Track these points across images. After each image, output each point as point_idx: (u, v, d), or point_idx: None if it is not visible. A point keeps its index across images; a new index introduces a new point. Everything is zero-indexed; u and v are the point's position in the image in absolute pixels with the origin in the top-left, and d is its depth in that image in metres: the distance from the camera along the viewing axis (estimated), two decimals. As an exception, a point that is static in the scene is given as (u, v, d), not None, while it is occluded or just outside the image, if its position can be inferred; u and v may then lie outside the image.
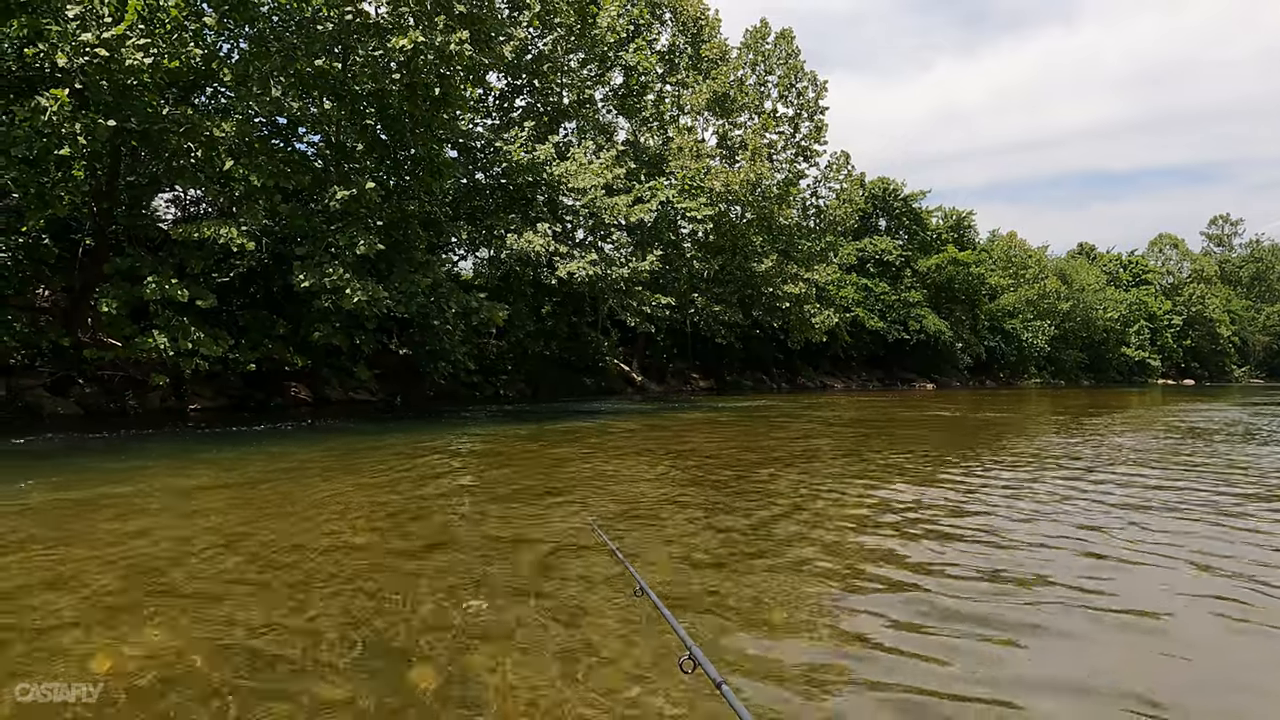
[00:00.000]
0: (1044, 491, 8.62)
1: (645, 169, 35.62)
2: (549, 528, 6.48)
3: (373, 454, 11.58)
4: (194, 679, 3.55)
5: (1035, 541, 6.23)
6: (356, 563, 5.40)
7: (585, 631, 4.12)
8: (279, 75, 17.71)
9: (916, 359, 54.33)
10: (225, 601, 4.54)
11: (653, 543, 6.10)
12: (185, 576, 5.05)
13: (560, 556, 5.62)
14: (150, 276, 15.70)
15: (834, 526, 6.81)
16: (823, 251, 43.29)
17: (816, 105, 42.31)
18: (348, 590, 4.78)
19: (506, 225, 26.19)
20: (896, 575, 5.28)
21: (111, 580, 4.95)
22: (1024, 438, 15.53)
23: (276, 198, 17.42)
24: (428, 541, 6.05)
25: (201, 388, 20.20)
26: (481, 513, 7.20)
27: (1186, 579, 5.24)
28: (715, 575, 5.20)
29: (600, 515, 7.05)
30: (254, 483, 8.72)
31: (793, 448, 13.42)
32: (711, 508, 7.56)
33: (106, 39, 13.82)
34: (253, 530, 6.34)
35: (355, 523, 6.68)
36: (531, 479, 9.28)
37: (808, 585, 5.05)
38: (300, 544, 5.90)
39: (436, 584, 4.94)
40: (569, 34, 30.23)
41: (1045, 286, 64.13)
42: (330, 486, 8.54)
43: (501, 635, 4.04)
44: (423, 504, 7.61)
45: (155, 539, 6.06)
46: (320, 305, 17.84)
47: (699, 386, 41.35)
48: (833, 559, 5.69)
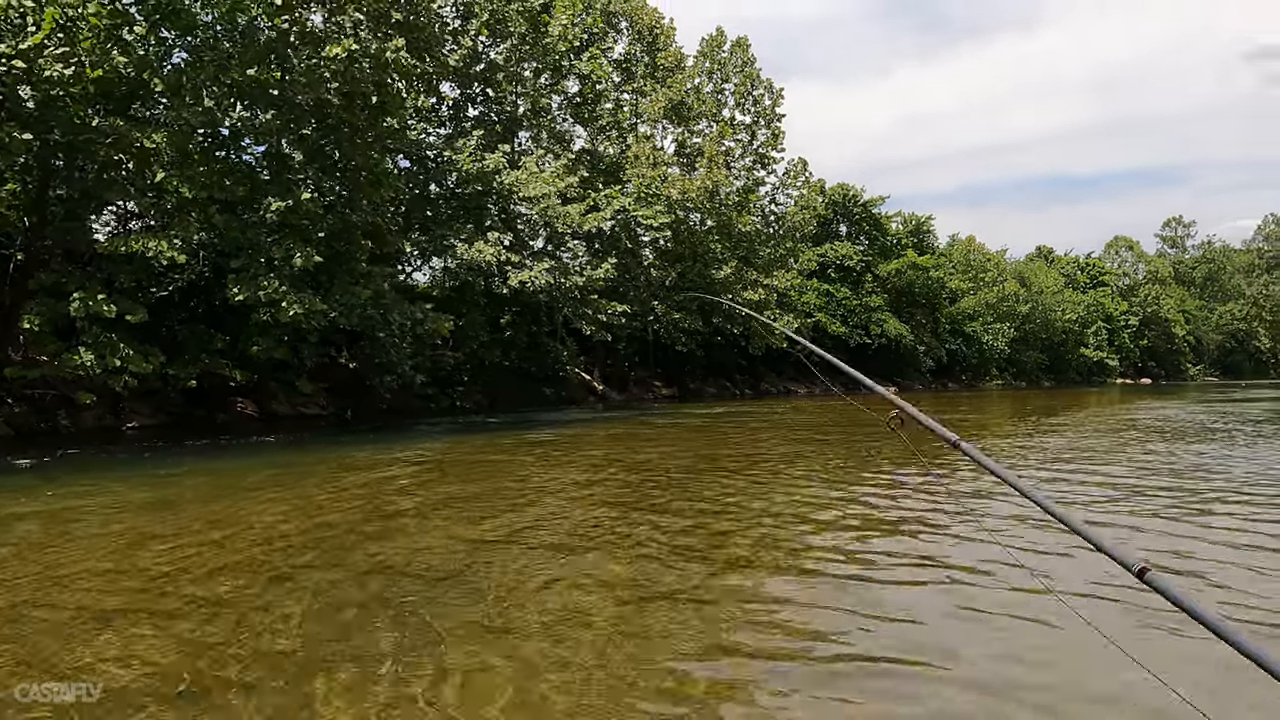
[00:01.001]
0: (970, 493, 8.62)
1: (602, 177, 35.53)
2: (417, 557, 6.27)
3: (287, 471, 11.32)
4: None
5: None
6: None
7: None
8: (213, 85, 17.35)
9: (879, 363, 54.70)
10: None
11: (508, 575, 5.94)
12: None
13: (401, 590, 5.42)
14: (76, 292, 15.26)
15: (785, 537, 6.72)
16: (782, 258, 43.44)
17: (773, 113, 42.57)
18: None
19: (458, 235, 25.96)
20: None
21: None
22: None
23: (211, 209, 17.05)
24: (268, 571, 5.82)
25: (140, 405, 19.70)
26: (361, 535, 6.98)
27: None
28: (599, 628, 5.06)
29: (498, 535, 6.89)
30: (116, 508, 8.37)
31: (742, 456, 13.35)
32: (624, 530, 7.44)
33: (23, 49, 13.44)
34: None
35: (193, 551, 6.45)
36: (414, 503, 9.08)
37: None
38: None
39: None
40: (521, 42, 30.10)
41: (1005, 289, 65.03)
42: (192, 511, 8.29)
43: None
44: (304, 527, 7.39)
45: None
46: (259, 319, 17.48)
47: (661, 395, 41.25)
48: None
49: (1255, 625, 4.34)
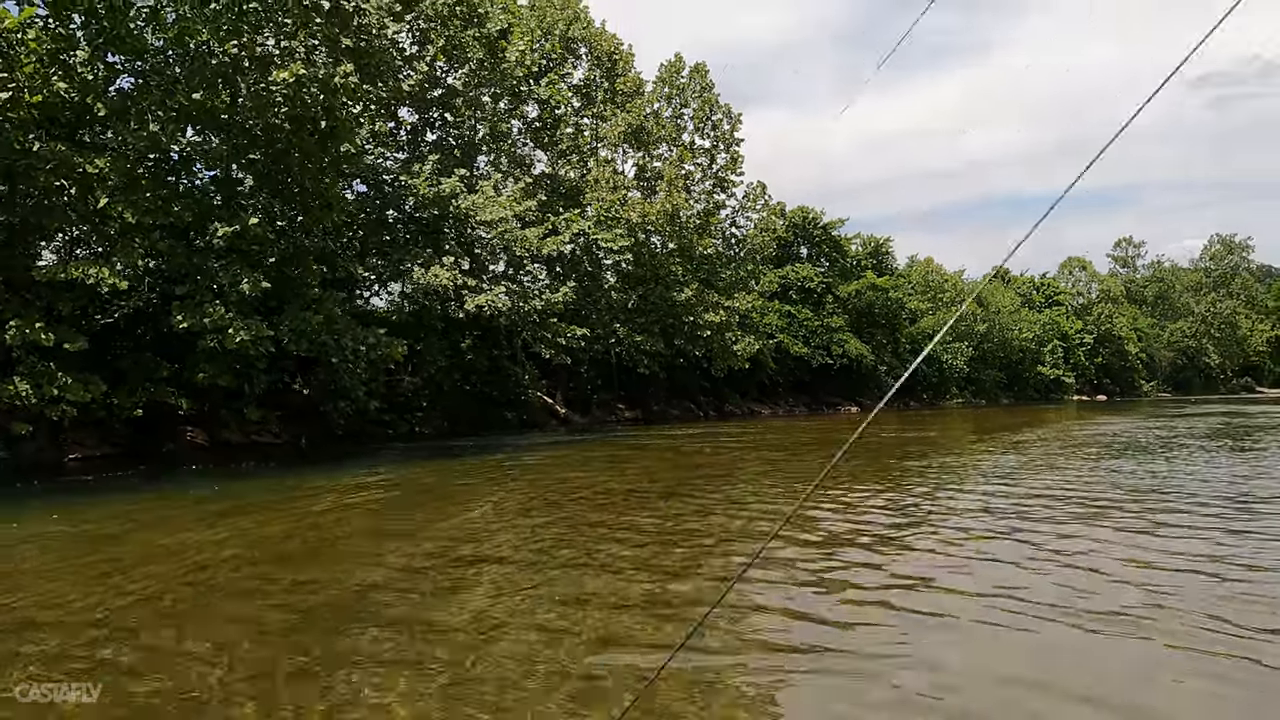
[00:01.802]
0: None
1: (562, 201, 35.64)
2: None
3: (229, 501, 11.10)
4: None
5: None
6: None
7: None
8: (158, 109, 17.13)
9: (841, 383, 55.20)
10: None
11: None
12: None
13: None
14: (13, 320, 14.88)
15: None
16: (744, 279, 43.81)
17: (732, 137, 43.11)
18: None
19: (416, 260, 25.81)
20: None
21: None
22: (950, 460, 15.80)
23: (155, 235, 16.77)
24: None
25: (83, 435, 19.18)
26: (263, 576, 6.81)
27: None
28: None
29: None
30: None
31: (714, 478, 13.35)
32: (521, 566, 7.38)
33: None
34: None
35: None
36: (355, 534, 8.94)
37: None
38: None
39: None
40: (479, 68, 30.20)
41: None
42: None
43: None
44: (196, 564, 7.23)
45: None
46: (206, 345, 17.17)
47: (625, 417, 41.16)
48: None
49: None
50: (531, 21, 36.06)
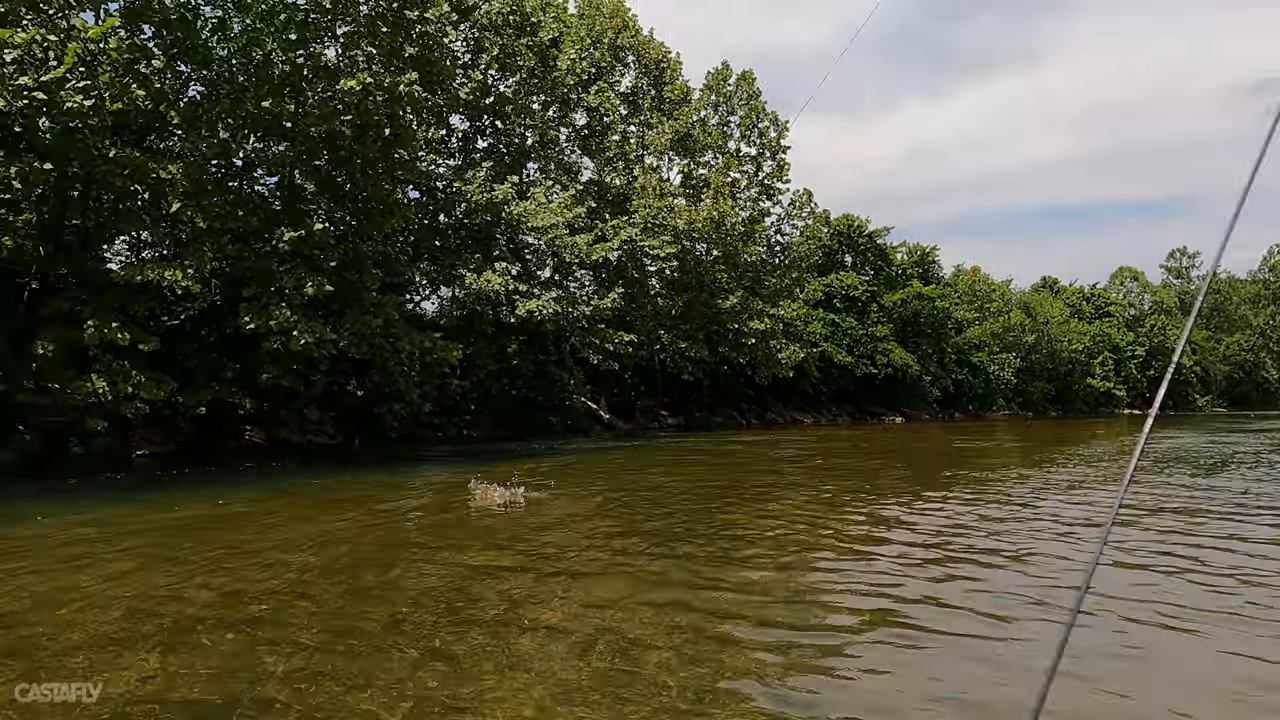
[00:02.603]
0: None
1: (609, 208, 35.85)
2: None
3: (300, 500, 11.34)
4: None
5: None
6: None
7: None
8: (228, 117, 17.65)
9: (885, 393, 54.58)
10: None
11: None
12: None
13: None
14: (91, 320, 15.41)
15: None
16: (788, 287, 43.60)
17: (778, 144, 42.96)
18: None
19: (467, 265, 26.15)
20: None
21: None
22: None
23: (224, 239, 17.26)
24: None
25: (151, 432, 19.76)
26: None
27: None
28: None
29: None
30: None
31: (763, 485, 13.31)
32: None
33: (45, 81, 13.72)
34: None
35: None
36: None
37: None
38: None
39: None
40: (530, 76, 30.55)
41: (1010, 320, 64.99)
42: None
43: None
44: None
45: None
46: (269, 347, 17.60)
47: (667, 424, 41.19)
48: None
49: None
50: (581, 30, 36.38)
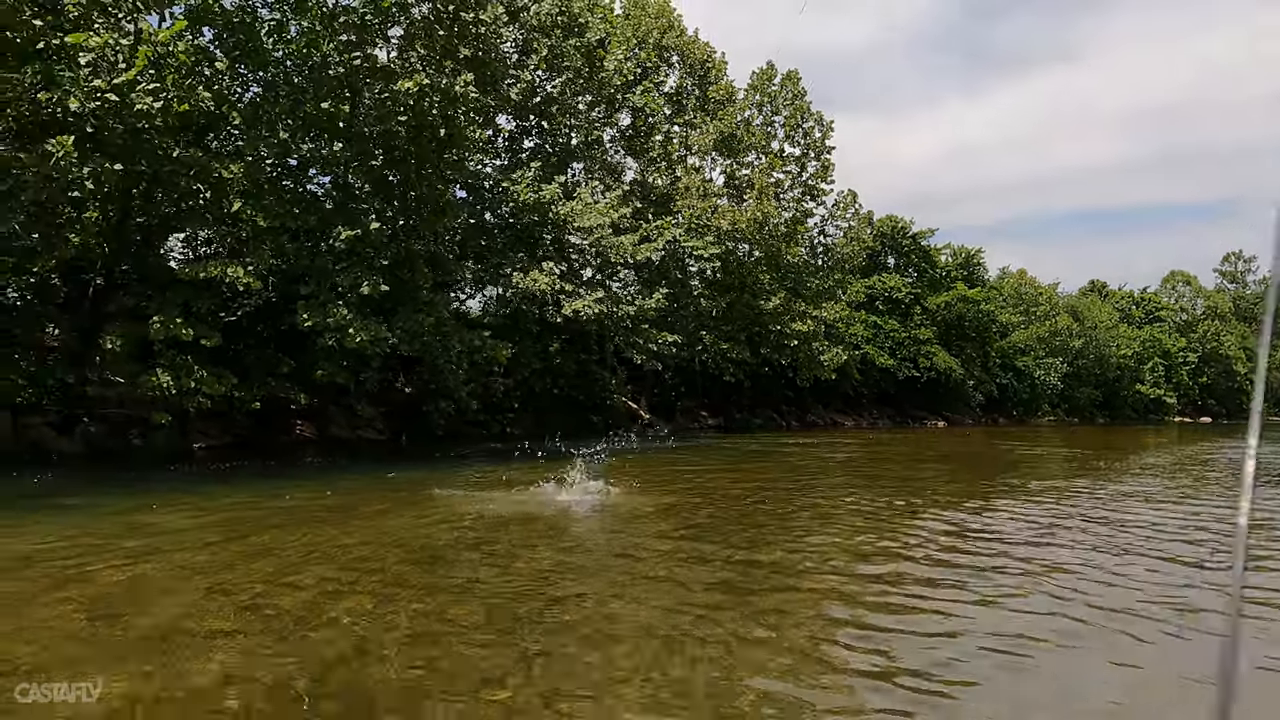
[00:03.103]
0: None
1: (652, 208, 35.87)
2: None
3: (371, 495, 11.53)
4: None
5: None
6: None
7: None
8: (288, 118, 18.01)
9: (927, 396, 53.92)
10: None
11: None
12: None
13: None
14: (156, 316, 15.84)
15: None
16: (831, 289, 43.27)
17: (823, 145, 42.64)
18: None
19: (513, 264, 26.35)
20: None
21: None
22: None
23: (283, 238, 17.63)
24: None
25: (208, 426, 20.25)
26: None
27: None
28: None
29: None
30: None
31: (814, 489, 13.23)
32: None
33: (117, 84, 14.12)
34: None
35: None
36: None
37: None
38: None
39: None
40: (577, 76, 30.67)
41: (1057, 324, 63.76)
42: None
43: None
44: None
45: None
46: (324, 344, 17.91)
47: (707, 424, 41.14)
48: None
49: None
50: (627, 30, 36.44)
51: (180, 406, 16.81)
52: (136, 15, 16.56)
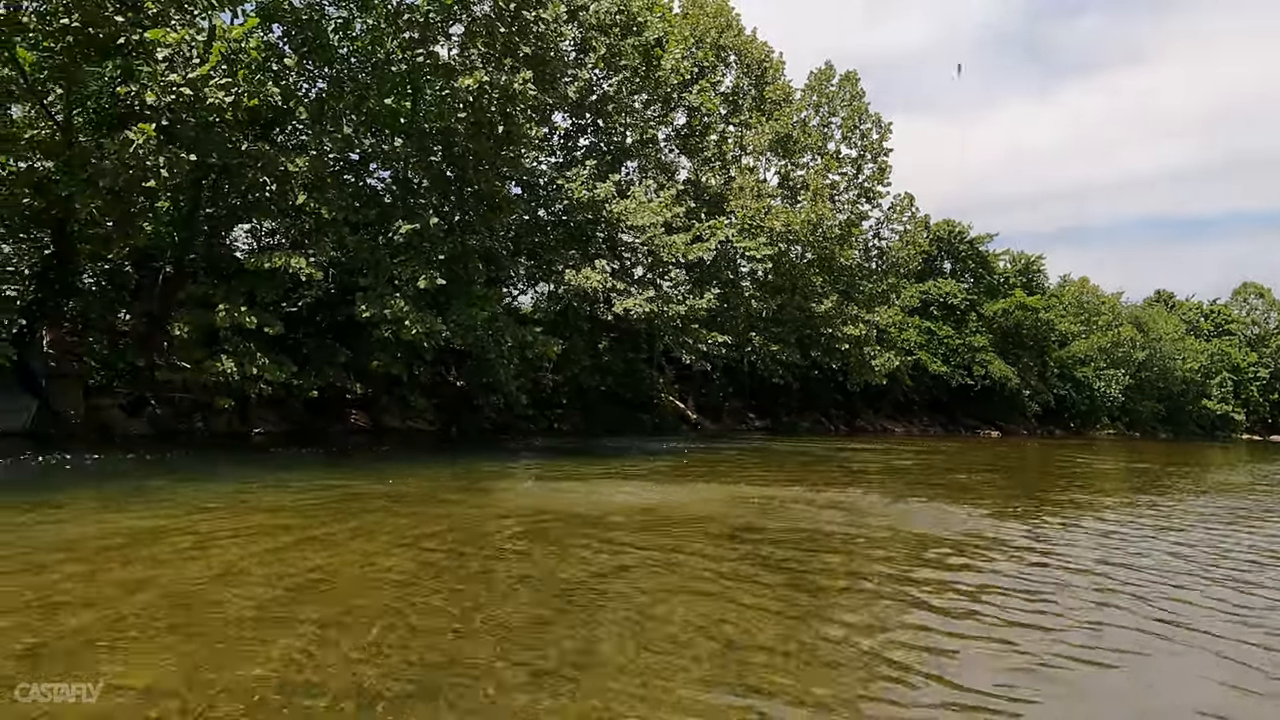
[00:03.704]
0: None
1: (705, 208, 35.77)
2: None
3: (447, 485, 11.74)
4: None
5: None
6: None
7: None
8: (352, 113, 18.41)
9: (981, 405, 52.78)
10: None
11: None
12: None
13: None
14: (222, 304, 16.34)
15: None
16: (884, 293, 42.65)
17: (880, 147, 42.02)
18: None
19: (566, 261, 26.52)
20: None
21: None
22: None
23: (344, 230, 18.03)
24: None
25: (267, 412, 20.83)
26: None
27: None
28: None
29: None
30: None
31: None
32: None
33: (192, 79, 14.60)
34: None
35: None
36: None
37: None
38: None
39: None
40: (634, 75, 30.74)
41: (1119, 334, 61.79)
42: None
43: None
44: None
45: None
46: (380, 335, 18.27)
47: (754, 426, 40.92)
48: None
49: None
50: (685, 29, 36.38)
51: (242, 392, 17.33)
52: (210, 12, 17.11)
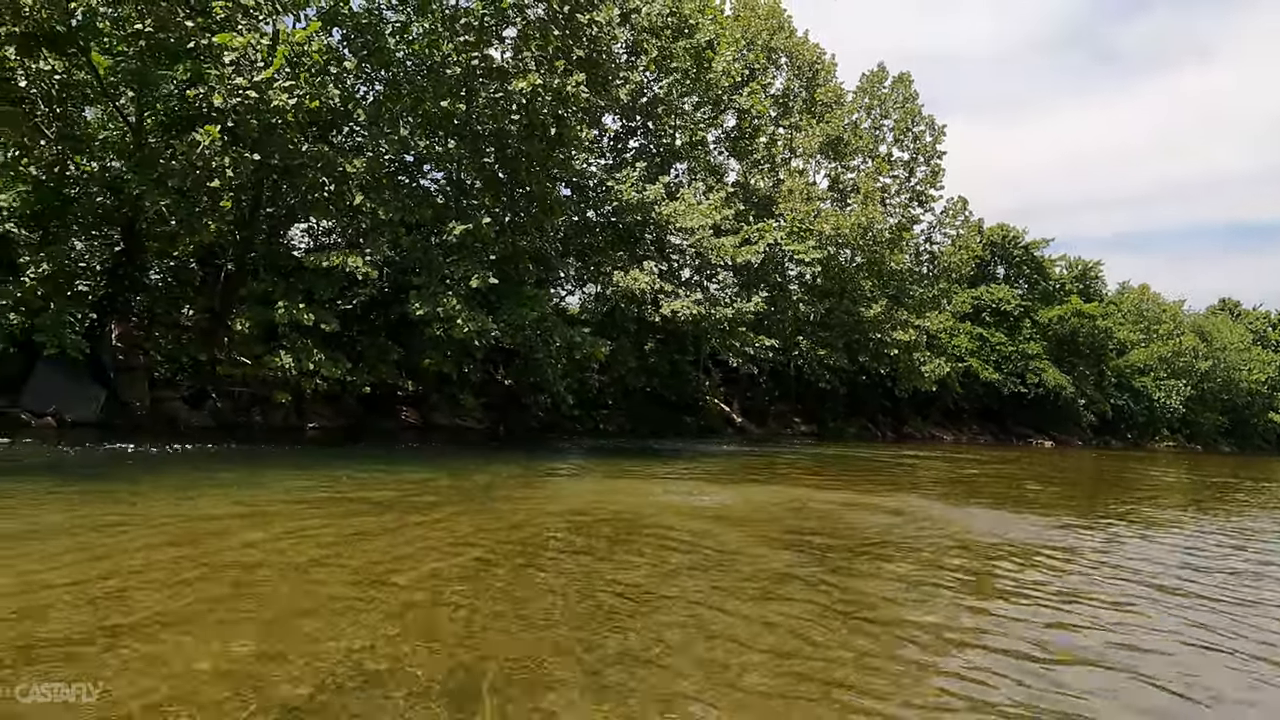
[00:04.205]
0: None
1: (754, 210, 35.60)
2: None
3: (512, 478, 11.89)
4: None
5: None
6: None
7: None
8: (408, 116, 18.75)
9: (1034, 414, 51.54)
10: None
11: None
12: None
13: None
14: (281, 301, 16.76)
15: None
16: (935, 298, 41.96)
17: (934, 150, 41.38)
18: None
19: (614, 262, 26.62)
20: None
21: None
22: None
23: (399, 230, 18.36)
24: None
25: (321, 407, 21.29)
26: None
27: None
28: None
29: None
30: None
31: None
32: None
33: (257, 82, 15.01)
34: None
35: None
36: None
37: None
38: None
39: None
40: (685, 78, 30.74)
41: (1181, 344, 59.82)
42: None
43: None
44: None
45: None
46: (432, 333, 18.55)
47: (800, 431, 40.54)
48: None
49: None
50: (736, 31, 36.28)
51: (299, 387, 17.73)
52: (274, 17, 17.58)
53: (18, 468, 10.33)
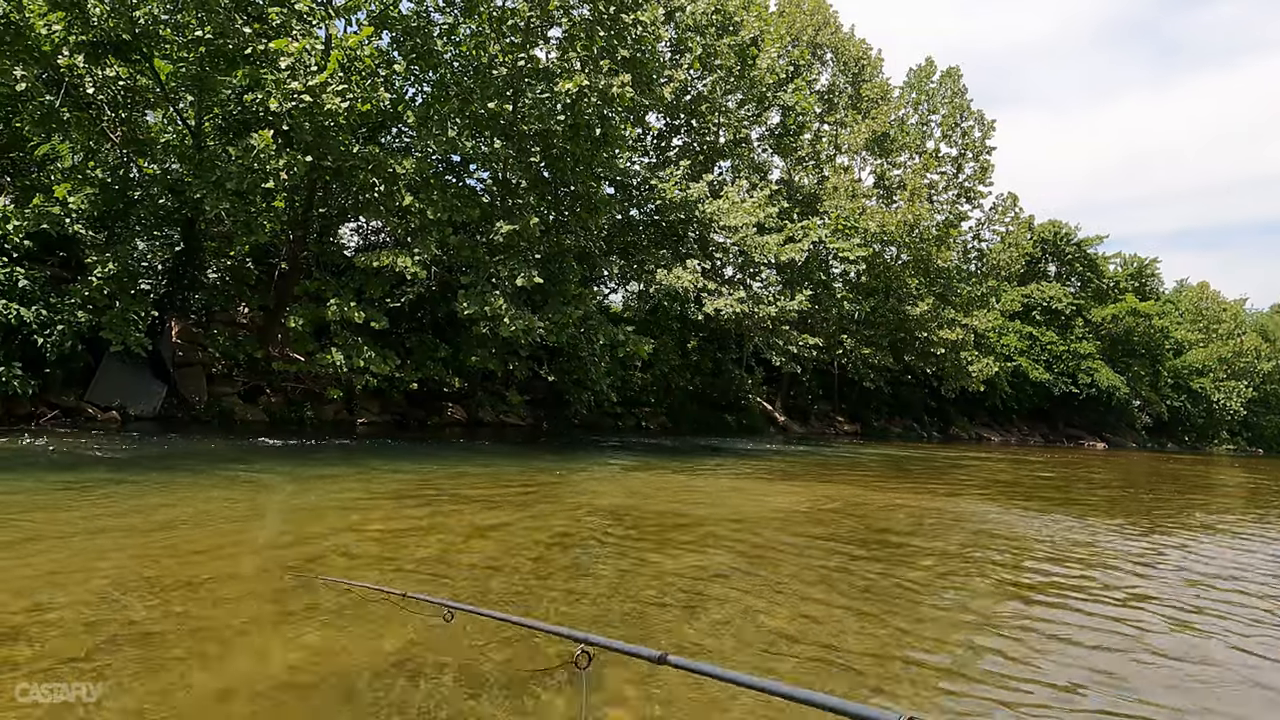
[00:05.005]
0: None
1: (799, 208, 35.39)
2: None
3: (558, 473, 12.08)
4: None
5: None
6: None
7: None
8: (456, 117, 19.04)
9: (1085, 415, 50.39)
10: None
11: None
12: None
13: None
14: (333, 299, 17.17)
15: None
16: (984, 296, 41.25)
17: (983, 145, 40.66)
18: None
19: (657, 261, 26.72)
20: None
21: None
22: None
23: (448, 230, 18.67)
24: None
25: (370, 403, 21.76)
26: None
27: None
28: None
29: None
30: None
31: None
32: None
33: (311, 85, 15.39)
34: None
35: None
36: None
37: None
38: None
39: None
40: (729, 75, 30.68)
41: (1242, 344, 57.90)
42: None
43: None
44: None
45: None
46: (478, 332, 18.83)
47: (843, 430, 40.21)
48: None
49: None
50: (780, 28, 36.06)
51: (349, 383, 18.14)
52: (327, 21, 18.00)
53: (166, 454, 10.77)
